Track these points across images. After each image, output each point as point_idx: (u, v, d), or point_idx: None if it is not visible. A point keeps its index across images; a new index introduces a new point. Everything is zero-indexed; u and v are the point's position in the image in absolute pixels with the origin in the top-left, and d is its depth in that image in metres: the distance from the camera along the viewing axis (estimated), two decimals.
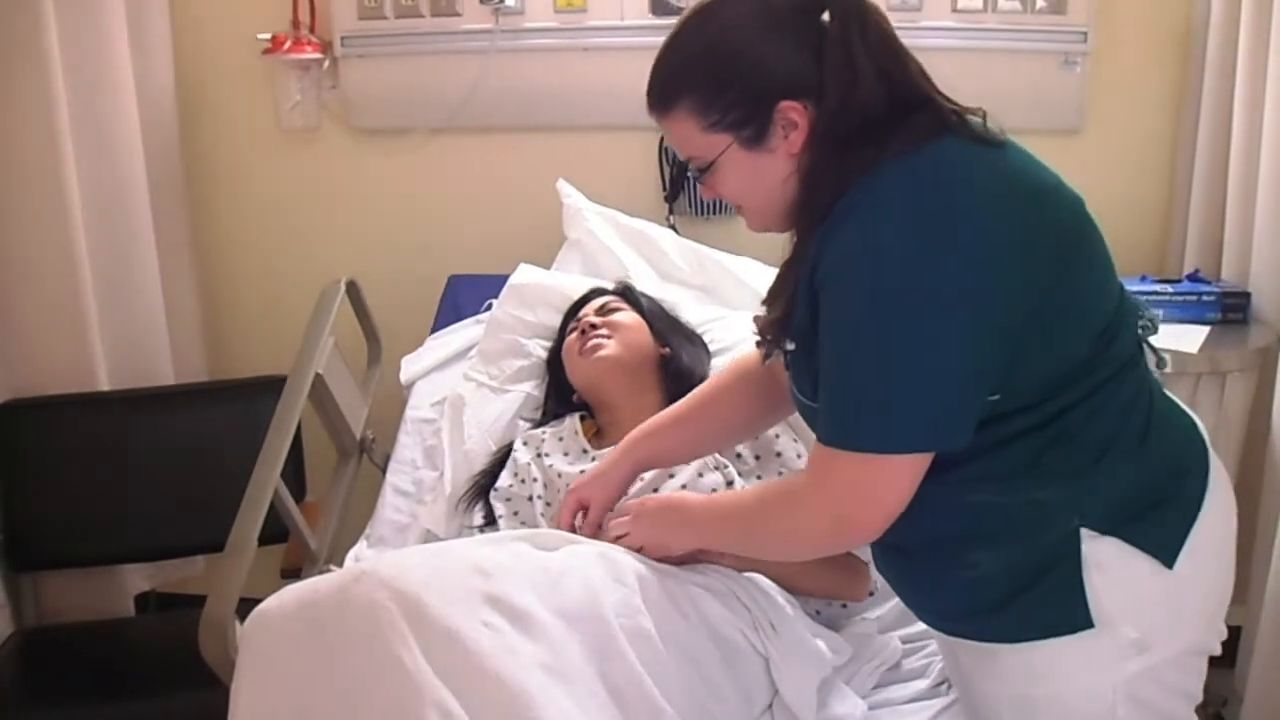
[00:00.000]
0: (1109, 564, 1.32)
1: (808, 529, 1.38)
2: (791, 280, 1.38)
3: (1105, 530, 1.32)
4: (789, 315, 1.39)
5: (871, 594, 1.85)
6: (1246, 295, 2.37)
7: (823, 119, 1.31)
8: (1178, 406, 1.46)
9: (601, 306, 2.17)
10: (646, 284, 2.40)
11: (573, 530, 1.74)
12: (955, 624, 1.45)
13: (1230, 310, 2.37)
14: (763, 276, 2.49)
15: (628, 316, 2.15)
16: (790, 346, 1.40)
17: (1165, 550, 1.33)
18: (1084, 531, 1.32)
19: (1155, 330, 1.43)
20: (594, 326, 2.10)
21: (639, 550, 1.60)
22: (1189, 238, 2.58)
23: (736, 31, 1.33)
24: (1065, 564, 1.32)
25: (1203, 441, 1.43)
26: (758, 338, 1.51)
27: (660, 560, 1.60)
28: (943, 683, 1.69)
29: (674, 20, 1.41)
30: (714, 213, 2.79)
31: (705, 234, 2.71)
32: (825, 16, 1.33)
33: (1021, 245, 1.26)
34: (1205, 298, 2.38)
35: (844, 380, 1.29)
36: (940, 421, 1.26)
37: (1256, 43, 2.31)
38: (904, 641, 1.80)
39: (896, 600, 1.88)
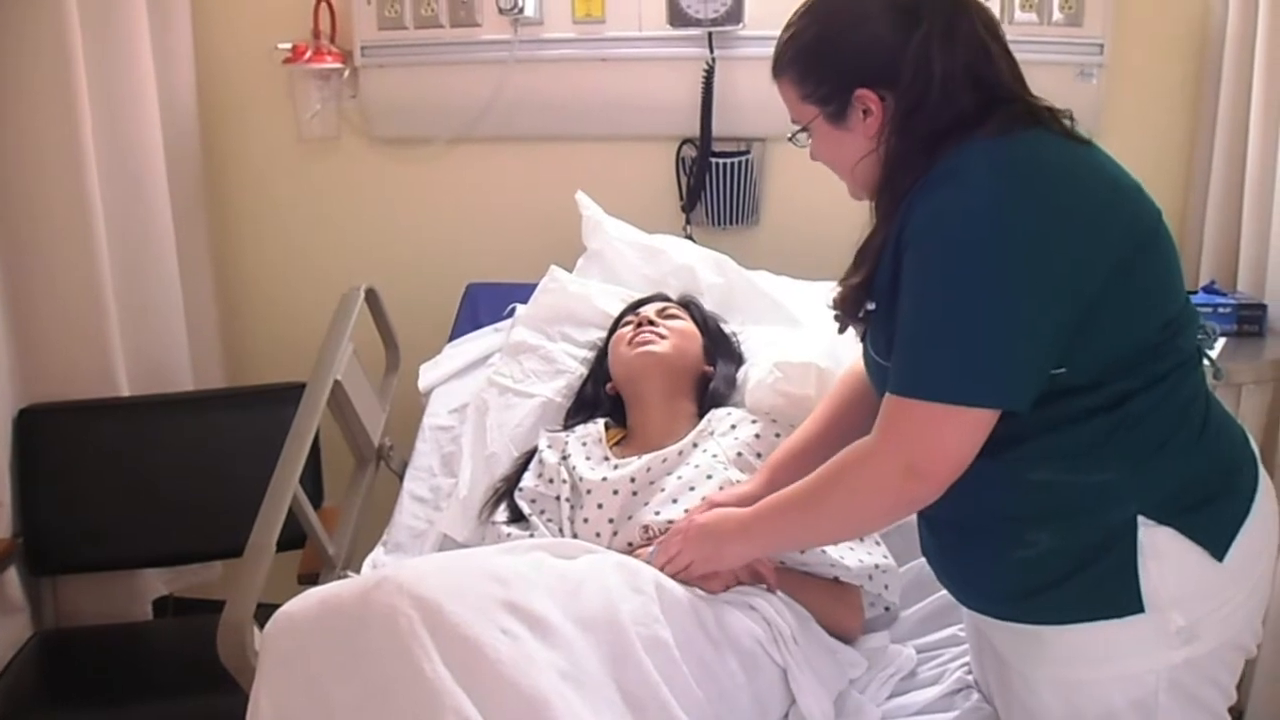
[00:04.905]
0: (1163, 552, 1.36)
1: (877, 483, 1.40)
2: (874, 246, 1.45)
3: (1162, 519, 1.36)
4: (870, 278, 1.44)
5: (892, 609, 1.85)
6: (1263, 307, 2.37)
7: (899, 114, 1.40)
8: (1230, 415, 1.49)
9: (663, 309, 2.23)
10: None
11: None
12: (1004, 606, 1.48)
13: (1246, 322, 2.36)
14: (779, 287, 2.50)
15: (685, 324, 2.20)
16: (871, 306, 1.46)
17: (1217, 543, 1.37)
18: (1141, 518, 1.36)
19: (1213, 342, 1.48)
20: (651, 323, 2.15)
21: (687, 568, 1.61)
22: (1205, 249, 2.58)
23: (844, 16, 1.44)
24: (1122, 548, 1.36)
25: (1253, 450, 1.47)
26: (835, 312, 1.55)
27: (702, 583, 1.62)
28: (959, 690, 1.69)
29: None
30: (730, 224, 2.80)
31: (721, 245, 2.70)
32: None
33: (1100, 220, 1.33)
34: (1221, 309, 2.37)
35: (918, 331, 1.35)
36: (1007, 378, 1.31)
37: (1272, 57, 2.31)
38: (919, 651, 1.81)
39: (909, 613, 1.89)
